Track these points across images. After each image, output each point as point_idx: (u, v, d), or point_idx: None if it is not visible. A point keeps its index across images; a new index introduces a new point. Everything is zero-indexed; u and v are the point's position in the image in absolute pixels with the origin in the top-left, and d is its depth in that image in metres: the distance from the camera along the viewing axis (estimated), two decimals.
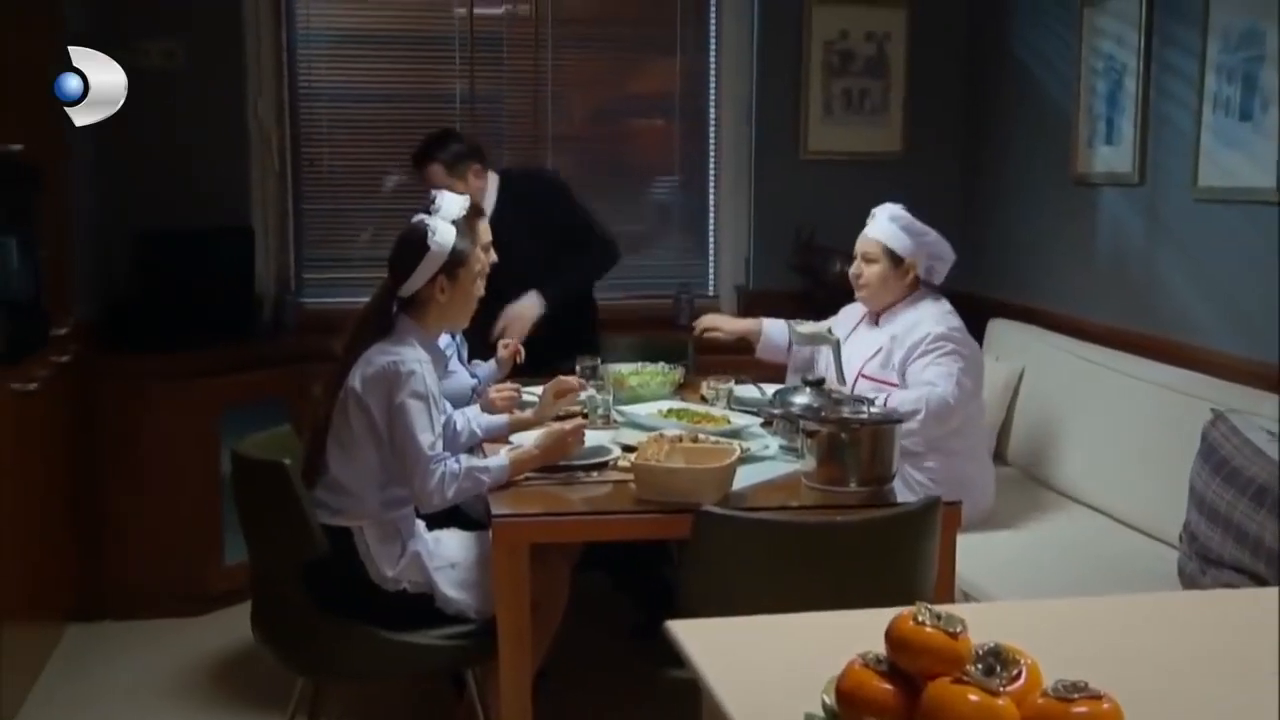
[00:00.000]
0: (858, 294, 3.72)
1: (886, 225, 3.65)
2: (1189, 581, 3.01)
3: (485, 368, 3.86)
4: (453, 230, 3.07)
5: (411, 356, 2.93)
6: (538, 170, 4.62)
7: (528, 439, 3.12)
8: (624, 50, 5.13)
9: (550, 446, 3.00)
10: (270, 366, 4.41)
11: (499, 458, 2.98)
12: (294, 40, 4.78)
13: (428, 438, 2.86)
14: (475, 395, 3.64)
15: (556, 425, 3.14)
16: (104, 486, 4.16)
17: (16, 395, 3.38)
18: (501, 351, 3.87)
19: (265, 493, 2.88)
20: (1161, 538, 3.38)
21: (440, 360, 3.18)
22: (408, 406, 2.86)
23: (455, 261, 3.04)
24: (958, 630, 1.22)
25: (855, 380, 3.57)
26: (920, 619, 1.23)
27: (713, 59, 5.10)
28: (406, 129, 4.90)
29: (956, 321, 3.60)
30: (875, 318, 3.73)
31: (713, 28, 5.08)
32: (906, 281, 3.65)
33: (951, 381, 3.44)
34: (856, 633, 1.41)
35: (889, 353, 3.58)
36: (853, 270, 3.71)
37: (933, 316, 3.58)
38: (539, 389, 3.65)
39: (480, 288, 3.17)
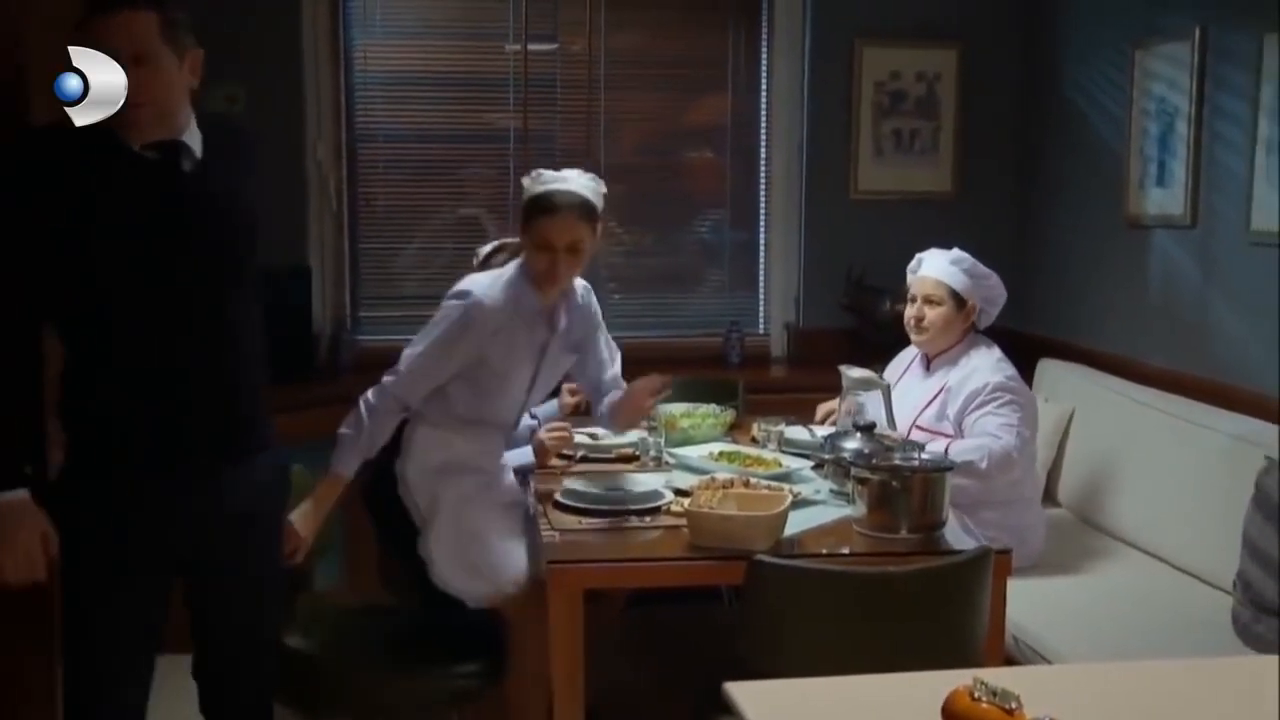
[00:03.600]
0: (917, 337, 3.72)
1: (948, 267, 3.66)
2: (1243, 630, 2.99)
3: (545, 409, 3.89)
4: None
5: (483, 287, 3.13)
6: (239, 125, 3.19)
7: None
8: (675, 89, 5.17)
9: None
10: (327, 406, 4.45)
11: None
12: (352, 83, 4.87)
13: (409, 352, 3.15)
14: (534, 435, 3.67)
15: None
16: None
17: None
18: (566, 397, 3.90)
19: None
20: (1215, 584, 3.37)
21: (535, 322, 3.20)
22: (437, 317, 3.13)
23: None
24: (1013, 706, 1.25)
25: (909, 431, 3.59)
26: (977, 695, 1.26)
27: (763, 98, 5.14)
28: (461, 167, 5.02)
29: (1011, 370, 3.62)
30: (927, 363, 3.74)
31: (763, 67, 5.13)
32: (966, 325, 3.68)
33: (1012, 433, 3.46)
34: (913, 696, 1.44)
35: (944, 403, 3.59)
36: (911, 313, 3.71)
37: (989, 365, 3.60)
38: (593, 429, 3.69)
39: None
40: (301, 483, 3.14)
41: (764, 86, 5.13)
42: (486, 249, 3.82)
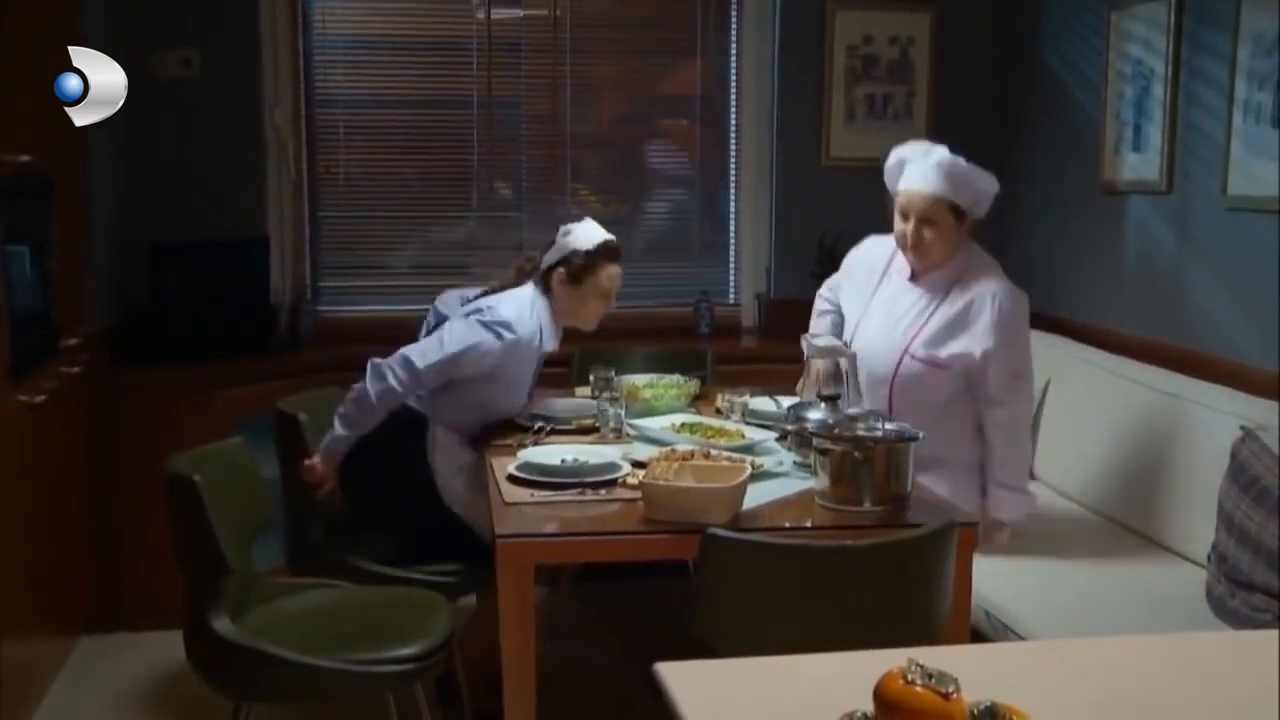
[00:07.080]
0: (915, 257, 3.43)
1: (938, 179, 3.38)
2: (1217, 604, 2.92)
3: None
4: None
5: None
6: None
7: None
8: (643, 55, 5.06)
9: None
10: (287, 377, 4.36)
11: None
12: (311, 46, 4.74)
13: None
14: None
15: None
16: (118, 497, 4.14)
17: (25, 407, 3.36)
18: None
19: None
20: (1190, 556, 3.30)
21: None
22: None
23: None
24: (950, 690, 1.16)
25: (901, 358, 3.42)
26: (911, 678, 1.16)
27: (733, 63, 5.03)
28: (423, 133, 4.90)
29: (1012, 302, 3.39)
30: (912, 272, 3.50)
31: (733, 32, 5.01)
32: (963, 228, 3.43)
33: (1031, 404, 3.57)
34: (852, 677, 1.35)
35: (940, 328, 3.40)
36: (904, 229, 3.40)
37: (991, 291, 3.36)
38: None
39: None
40: (243, 459, 3.06)
41: (734, 51, 5.02)
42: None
